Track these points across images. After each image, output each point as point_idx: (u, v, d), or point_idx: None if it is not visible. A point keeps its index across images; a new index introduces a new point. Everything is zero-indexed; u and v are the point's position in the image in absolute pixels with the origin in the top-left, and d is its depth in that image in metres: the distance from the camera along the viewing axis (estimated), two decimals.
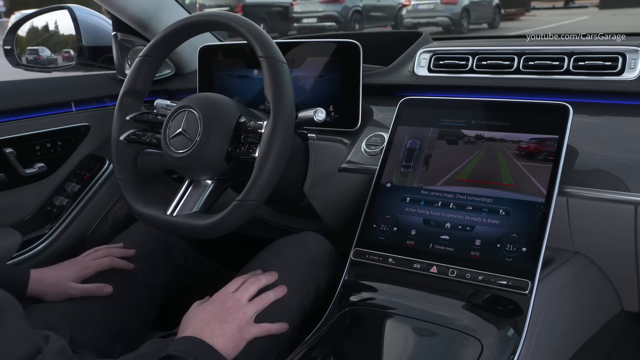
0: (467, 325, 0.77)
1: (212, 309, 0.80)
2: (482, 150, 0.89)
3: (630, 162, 0.83)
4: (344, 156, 1.06)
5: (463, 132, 0.92)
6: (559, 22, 11.97)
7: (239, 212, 0.85)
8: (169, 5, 1.36)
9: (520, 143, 0.86)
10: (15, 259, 1.19)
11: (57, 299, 0.95)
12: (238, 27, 0.88)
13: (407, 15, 11.77)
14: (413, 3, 11.68)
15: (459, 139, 0.92)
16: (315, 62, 1.11)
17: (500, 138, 0.89)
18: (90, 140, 1.33)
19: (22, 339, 0.60)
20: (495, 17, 12.44)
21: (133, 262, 1.04)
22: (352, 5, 11.06)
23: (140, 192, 0.99)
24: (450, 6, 11.15)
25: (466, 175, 0.88)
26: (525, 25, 12.39)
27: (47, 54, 1.45)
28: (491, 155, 0.88)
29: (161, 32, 0.97)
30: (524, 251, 0.79)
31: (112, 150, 1.01)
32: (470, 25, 11.38)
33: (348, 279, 0.89)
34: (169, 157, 0.92)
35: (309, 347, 0.78)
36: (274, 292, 0.86)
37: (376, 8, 11.66)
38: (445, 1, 11.18)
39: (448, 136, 0.93)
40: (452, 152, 0.91)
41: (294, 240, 1.00)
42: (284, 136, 0.84)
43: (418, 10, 11.62)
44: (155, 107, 1.15)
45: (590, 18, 12.75)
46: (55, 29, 1.41)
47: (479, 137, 0.90)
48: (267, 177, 0.83)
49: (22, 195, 1.25)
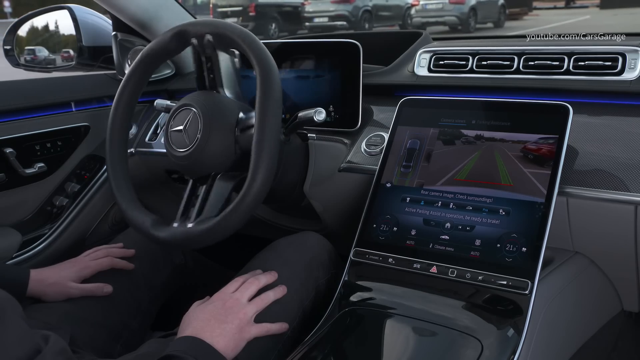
0: (467, 325, 0.77)
1: (212, 309, 0.80)
2: (482, 150, 0.89)
3: (630, 162, 0.83)
4: (344, 156, 1.06)
5: (463, 132, 0.92)
6: (561, 21, 12.03)
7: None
8: (169, 5, 1.35)
9: (520, 143, 0.86)
10: (15, 259, 1.19)
11: (57, 299, 0.95)
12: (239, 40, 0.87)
13: (416, 15, 11.89)
14: (422, 3, 11.85)
15: (459, 139, 0.92)
16: (315, 62, 1.11)
17: (500, 138, 0.89)
18: (90, 140, 1.33)
19: (22, 339, 0.60)
20: (501, 16, 12.60)
21: (133, 262, 1.04)
22: (362, 5, 11.21)
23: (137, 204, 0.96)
24: (458, 6, 11.24)
25: (466, 175, 0.88)
26: (529, 24, 12.46)
27: (45, 54, 1.44)
28: (491, 155, 0.88)
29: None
30: (524, 251, 0.79)
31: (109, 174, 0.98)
32: (477, 24, 11.51)
33: (348, 279, 0.89)
34: (172, 155, 0.93)
35: (309, 347, 0.78)
36: (274, 292, 0.86)
37: (385, 8, 11.82)
38: (453, 1, 11.25)
39: (448, 136, 0.93)
40: (452, 152, 0.91)
41: (293, 240, 1.00)
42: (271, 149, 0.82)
43: (427, 9, 11.76)
44: (155, 106, 1.15)
45: (592, 17, 12.78)
46: (55, 29, 1.41)
47: (479, 137, 0.90)
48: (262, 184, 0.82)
49: (22, 195, 1.25)
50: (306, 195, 1.09)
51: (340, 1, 11.03)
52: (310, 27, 11.09)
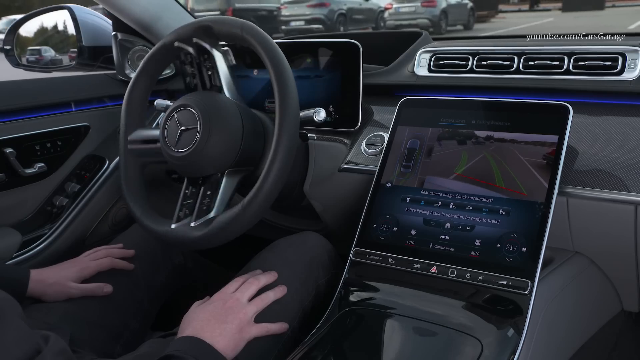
0: (467, 325, 0.77)
1: (212, 309, 0.80)
2: (482, 150, 0.89)
3: (630, 162, 0.84)
4: (344, 156, 1.06)
5: (463, 132, 0.92)
6: (527, 23, 12.72)
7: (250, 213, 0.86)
8: (169, 6, 1.35)
9: (520, 143, 0.86)
10: (15, 259, 1.19)
11: (57, 299, 0.95)
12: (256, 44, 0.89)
13: (390, 18, 12.60)
14: (395, 6, 12.55)
15: (459, 139, 0.92)
16: (315, 62, 1.11)
17: (500, 138, 0.89)
18: (90, 140, 1.33)
19: (22, 339, 0.60)
20: (470, 18, 13.48)
21: (133, 263, 1.04)
22: (337, 9, 11.84)
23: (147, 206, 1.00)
24: (430, 9, 12.18)
25: (466, 175, 0.88)
26: (497, 26, 13.31)
27: (51, 54, 1.44)
28: (491, 155, 0.88)
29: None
30: (524, 251, 0.79)
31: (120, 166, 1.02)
32: (447, 27, 12.35)
33: (348, 278, 0.89)
34: (169, 156, 0.92)
35: (309, 347, 0.78)
36: (274, 292, 0.86)
37: (359, 11, 12.48)
38: (425, 4, 12.20)
39: (448, 136, 0.93)
40: (452, 152, 0.91)
41: (294, 241, 1.00)
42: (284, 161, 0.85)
43: (399, 12, 12.48)
44: (155, 106, 1.15)
45: (556, 19, 13.78)
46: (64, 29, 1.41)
47: (478, 137, 0.90)
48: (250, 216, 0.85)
49: (22, 195, 1.24)
50: (306, 195, 1.09)
51: (316, 5, 11.63)
52: (286, 31, 11.50)
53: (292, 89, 0.86)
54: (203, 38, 0.94)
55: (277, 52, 0.88)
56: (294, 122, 0.85)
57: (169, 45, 0.98)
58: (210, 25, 0.92)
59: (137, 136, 1.01)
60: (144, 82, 1.02)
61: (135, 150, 1.00)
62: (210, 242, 0.87)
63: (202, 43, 0.94)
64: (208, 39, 0.94)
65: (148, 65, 1.01)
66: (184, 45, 0.96)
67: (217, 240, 0.87)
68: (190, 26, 0.95)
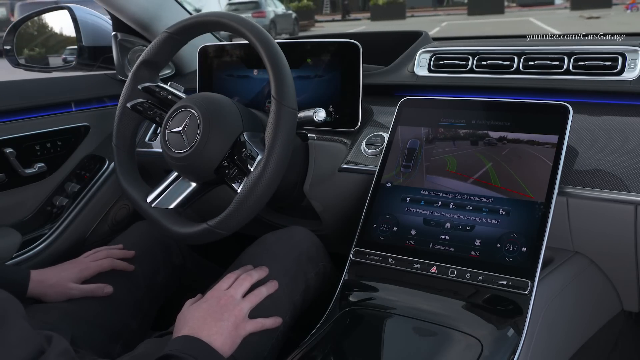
0: (467, 325, 0.77)
1: (207, 307, 0.80)
2: (481, 150, 0.89)
3: (630, 162, 0.83)
4: (344, 156, 1.06)
5: (463, 132, 0.92)
6: (344, 30, 15.05)
7: (206, 236, 0.87)
8: (169, 5, 1.35)
9: (521, 143, 0.87)
10: (15, 259, 1.19)
11: (57, 299, 0.95)
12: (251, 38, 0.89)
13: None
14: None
15: (459, 139, 0.92)
16: (315, 62, 1.11)
17: (501, 138, 0.89)
18: (90, 140, 1.33)
19: (25, 339, 0.60)
20: (295, 27, 16.05)
21: (133, 263, 1.05)
22: (269, 17, 14.99)
23: (130, 166, 1.02)
24: (260, 19, 14.16)
25: (466, 175, 0.88)
26: (317, 33, 15.66)
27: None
28: (491, 155, 0.88)
29: (192, 18, 0.97)
30: (524, 251, 0.79)
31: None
32: (276, 35, 13.98)
33: (348, 278, 0.89)
34: (168, 156, 0.92)
35: (309, 347, 0.78)
36: (267, 287, 0.87)
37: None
38: (255, 15, 14.49)
39: (448, 136, 0.93)
40: (452, 152, 0.91)
41: (281, 235, 1.00)
42: (271, 178, 0.84)
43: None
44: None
45: (367, 27, 16.46)
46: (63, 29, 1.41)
47: (478, 137, 0.90)
48: (244, 214, 0.84)
49: (22, 195, 1.25)
50: (306, 195, 1.09)
51: (258, 16, 14.61)
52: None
53: (287, 71, 0.87)
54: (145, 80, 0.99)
55: (269, 40, 0.88)
56: (290, 111, 0.85)
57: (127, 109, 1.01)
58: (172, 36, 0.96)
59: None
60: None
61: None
62: (178, 240, 0.90)
63: (149, 85, 0.99)
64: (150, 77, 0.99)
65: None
66: (137, 100, 1.00)
67: (185, 242, 0.89)
68: (130, 83, 1.00)
